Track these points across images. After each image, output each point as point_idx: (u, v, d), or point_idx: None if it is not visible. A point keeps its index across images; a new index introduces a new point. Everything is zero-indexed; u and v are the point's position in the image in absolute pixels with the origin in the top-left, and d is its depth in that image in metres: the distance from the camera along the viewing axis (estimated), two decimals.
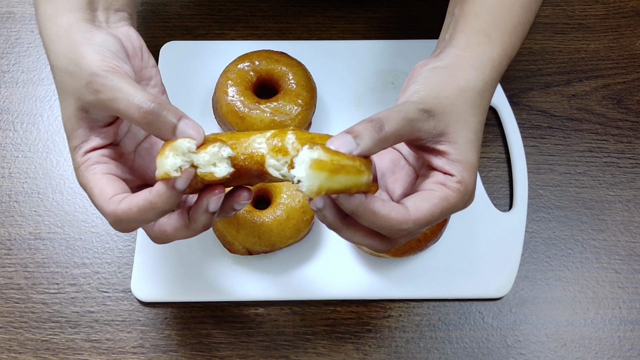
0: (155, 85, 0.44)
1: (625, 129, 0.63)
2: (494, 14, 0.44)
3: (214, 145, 0.36)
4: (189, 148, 0.36)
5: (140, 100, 0.36)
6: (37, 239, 0.57)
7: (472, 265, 0.56)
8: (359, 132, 0.35)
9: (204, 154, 0.36)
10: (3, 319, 0.54)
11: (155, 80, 0.44)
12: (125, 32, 0.43)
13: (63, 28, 0.40)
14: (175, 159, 0.35)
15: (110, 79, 0.37)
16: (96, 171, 0.38)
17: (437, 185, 0.38)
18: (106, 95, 0.37)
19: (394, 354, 0.53)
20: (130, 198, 0.37)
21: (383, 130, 0.35)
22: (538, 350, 0.54)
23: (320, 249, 0.56)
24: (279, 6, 0.69)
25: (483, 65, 0.41)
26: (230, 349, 0.53)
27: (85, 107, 0.38)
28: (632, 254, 0.58)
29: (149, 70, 0.44)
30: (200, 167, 0.36)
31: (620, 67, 0.67)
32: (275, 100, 0.58)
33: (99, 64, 0.38)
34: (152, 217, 0.37)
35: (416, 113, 0.37)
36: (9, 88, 0.65)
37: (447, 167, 0.38)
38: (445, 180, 0.38)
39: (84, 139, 0.39)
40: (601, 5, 0.71)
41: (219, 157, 0.36)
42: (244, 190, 0.40)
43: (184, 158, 0.35)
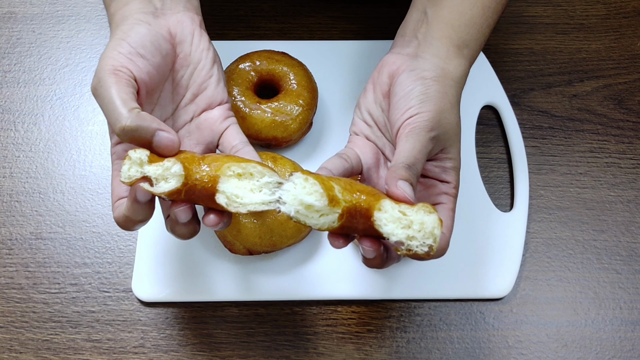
0: (202, 68, 0.45)
1: (626, 129, 0.63)
2: (467, 31, 0.47)
3: (169, 160, 0.38)
4: (141, 159, 0.38)
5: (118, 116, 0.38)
6: (38, 238, 0.57)
7: (473, 266, 0.56)
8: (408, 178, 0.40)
9: (155, 167, 0.38)
10: (4, 318, 0.54)
11: (203, 64, 0.45)
12: (178, 19, 0.44)
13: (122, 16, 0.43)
14: (128, 167, 0.38)
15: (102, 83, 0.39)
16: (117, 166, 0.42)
17: (443, 196, 0.44)
18: (98, 100, 0.39)
19: (395, 354, 0.53)
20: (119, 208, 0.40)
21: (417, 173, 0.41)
22: (539, 350, 0.54)
23: (321, 249, 0.56)
24: (280, 6, 0.69)
25: (461, 80, 0.46)
26: (231, 349, 0.53)
27: None
28: (633, 254, 0.58)
29: (197, 55, 0.45)
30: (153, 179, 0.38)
31: (621, 68, 0.67)
32: (277, 100, 0.58)
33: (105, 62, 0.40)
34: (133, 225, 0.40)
35: (429, 144, 0.42)
36: (10, 88, 0.65)
37: (444, 176, 0.44)
38: (446, 189, 0.44)
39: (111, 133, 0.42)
40: (602, 5, 0.71)
41: (171, 172, 0.38)
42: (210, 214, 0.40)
43: (137, 169, 0.38)
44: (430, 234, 0.37)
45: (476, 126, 0.62)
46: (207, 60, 0.46)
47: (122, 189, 0.41)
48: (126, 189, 0.41)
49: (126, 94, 0.39)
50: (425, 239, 0.37)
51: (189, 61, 0.45)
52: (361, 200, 0.38)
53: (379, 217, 0.38)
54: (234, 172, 0.38)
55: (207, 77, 0.45)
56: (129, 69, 0.40)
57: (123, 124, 0.37)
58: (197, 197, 0.39)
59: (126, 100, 0.38)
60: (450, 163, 0.44)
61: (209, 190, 0.38)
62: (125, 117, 0.38)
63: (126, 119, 0.38)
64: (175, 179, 0.38)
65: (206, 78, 0.45)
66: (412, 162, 0.41)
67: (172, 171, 0.38)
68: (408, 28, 0.49)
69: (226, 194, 0.38)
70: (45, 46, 0.67)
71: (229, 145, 0.44)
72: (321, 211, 0.37)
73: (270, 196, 0.38)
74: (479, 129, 0.63)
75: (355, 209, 0.38)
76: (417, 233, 0.37)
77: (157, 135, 0.38)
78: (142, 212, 0.39)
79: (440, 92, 0.44)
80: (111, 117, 0.38)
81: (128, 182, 0.38)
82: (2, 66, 0.66)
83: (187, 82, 0.45)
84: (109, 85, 0.39)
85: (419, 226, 0.37)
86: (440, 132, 0.43)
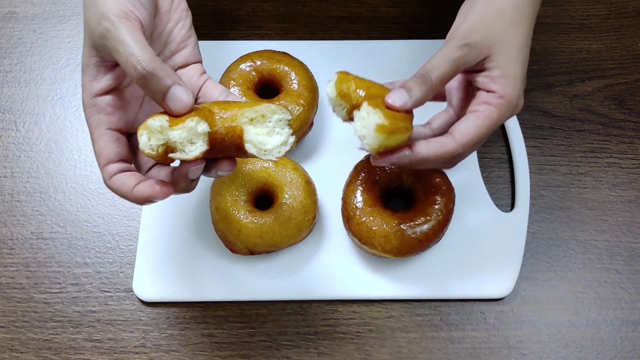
0: (183, 27, 0.45)
1: (627, 130, 0.63)
2: None
3: (191, 119, 0.36)
4: (162, 126, 0.36)
5: (138, 59, 0.36)
6: (39, 238, 0.57)
7: (473, 266, 0.56)
8: (410, 87, 0.41)
9: (179, 130, 0.36)
10: (5, 318, 0.54)
11: (184, 23, 0.45)
12: None
13: None
14: (148, 138, 0.36)
15: (116, 26, 0.37)
16: (99, 123, 0.40)
17: (482, 105, 0.43)
18: (110, 43, 0.37)
19: (395, 354, 0.53)
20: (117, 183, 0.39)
21: (429, 81, 0.41)
22: (540, 350, 0.54)
23: (322, 249, 0.56)
24: (281, 6, 0.69)
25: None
26: (232, 349, 0.53)
27: (95, 45, 0.39)
28: (634, 254, 0.58)
29: (179, 13, 0.45)
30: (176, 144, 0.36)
31: (622, 68, 0.67)
32: (277, 100, 0.58)
33: (111, 7, 0.38)
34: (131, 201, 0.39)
35: (459, 51, 0.42)
36: (11, 88, 0.65)
37: (490, 85, 0.43)
38: (488, 99, 0.43)
39: (92, 78, 0.40)
40: (603, 5, 0.70)
41: (195, 132, 0.36)
42: (226, 163, 0.40)
43: (159, 136, 0.36)
44: (367, 123, 0.39)
45: None
46: (187, 21, 0.45)
47: (111, 150, 0.39)
48: (117, 152, 0.39)
49: (143, 39, 0.38)
50: (367, 138, 0.40)
51: (169, 17, 0.44)
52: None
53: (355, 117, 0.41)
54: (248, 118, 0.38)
55: (187, 37, 0.45)
56: (137, 16, 0.39)
57: (145, 67, 0.36)
58: (220, 150, 0.38)
59: (146, 46, 0.37)
60: (498, 71, 0.43)
61: (236, 141, 0.38)
62: (148, 60, 0.36)
63: (148, 62, 0.36)
64: (201, 139, 0.36)
65: (185, 37, 0.45)
66: (427, 69, 0.41)
67: (198, 131, 0.36)
68: None
69: (253, 143, 0.38)
70: (47, 46, 0.67)
71: (212, 98, 0.44)
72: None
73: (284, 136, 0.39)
74: None
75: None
76: (360, 123, 0.40)
77: (175, 88, 0.37)
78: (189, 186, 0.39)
79: (483, 2, 0.43)
80: (128, 60, 0.36)
81: (154, 155, 0.36)
82: (3, 66, 0.66)
83: (166, 39, 0.44)
84: (125, 27, 0.37)
85: (363, 118, 0.40)
86: (477, 39, 0.42)
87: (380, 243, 0.52)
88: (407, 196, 0.56)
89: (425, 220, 0.52)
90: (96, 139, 0.40)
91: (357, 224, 0.53)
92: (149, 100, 0.44)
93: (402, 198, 0.57)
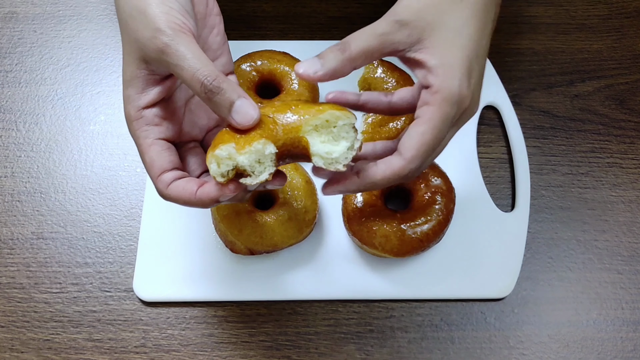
0: (217, 34, 0.43)
1: (628, 130, 0.63)
2: None
3: (258, 142, 0.36)
4: (230, 153, 0.36)
5: (204, 74, 0.36)
6: (40, 238, 0.57)
7: (474, 266, 0.56)
8: (324, 54, 0.37)
9: (247, 155, 0.36)
10: (5, 318, 0.54)
11: (218, 29, 0.43)
12: None
13: None
14: (218, 165, 0.36)
15: (176, 41, 0.36)
16: (148, 134, 0.38)
17: (423, 108, 0.37)
18: (171, 59, 0.36)
19: (396, 354, 0.53)
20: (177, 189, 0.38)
21: (347, 50, 0.37)
22: (540, 350, 0.54)
23: (322, 249, 0.56)
24: (281, 7, 0.70)
25: None
26: (232, 349, 0.53)
27: (146, 58, 0.37)
28: (634, 254, 0.57)
29: (213, 18, 0.43)
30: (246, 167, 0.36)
31: (623, 68, 0.67)
32: (278, 100, 0.58)
33: (164, 19, 0.36)
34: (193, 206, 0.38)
35: (386, 26, 0.37)
36: (11, 88, 0.65)
37: (427, 78, 0.37)
38: (427, 98, 0.37)
39: (140, 91, 0.38)
40: (604, 5, 0.70)
41: (262, 154, 0.36)
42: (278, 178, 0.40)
43: (228, 162, 0.36)
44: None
45: (477, 126, 0.62)
46: (221, 27, 0.44)
47: (164, 159, 0.38)
48: (170, 161, 0.39)
49: (202, 53, 0.37)
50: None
51: (205, 23, 0.42)
52: None
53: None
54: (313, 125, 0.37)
55: (222, 44, 0.44)
56: (189, 28, 0.37)
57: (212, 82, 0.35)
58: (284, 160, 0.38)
59: (207, 60, 0.36)
60: (433, 60, 0.37)
61: (302, 152, 0.37)
62: (214, 75, 0.36)
63: (214, 77, 0.36)
64: (269, 159, 0.36)
65: (221, 44, 0.43)
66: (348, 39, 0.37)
67: (265, 153, 0.36)
68: None
69: (320, 155, 0.37)
70: (47, 46, 0.67)
71: None
72: None
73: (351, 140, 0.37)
74: (481, 129, 0.63)
75: None
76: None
77: (240, 101, 0.36)
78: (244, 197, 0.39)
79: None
80: (194, 75, 0.35)
81: (225, 180, 0.36)
82: (3, 66, 0.66)
83: (203, 46, 0.42)
84: (184, 42, 0.36)
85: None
86: (408, 17, 0.37)
87: (380, 243, 0.52)
88: (407, 196, 0.56)
89: (426, 220, 0.52)
90: (146, 150, 0.38)
91: (358, 224, 0.53)
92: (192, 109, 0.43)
93: (402, 198, 0.57)
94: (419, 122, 0.37)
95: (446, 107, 0.36)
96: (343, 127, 0.37)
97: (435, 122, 0.37)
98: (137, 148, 0.39)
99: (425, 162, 0.39)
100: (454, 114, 0.37)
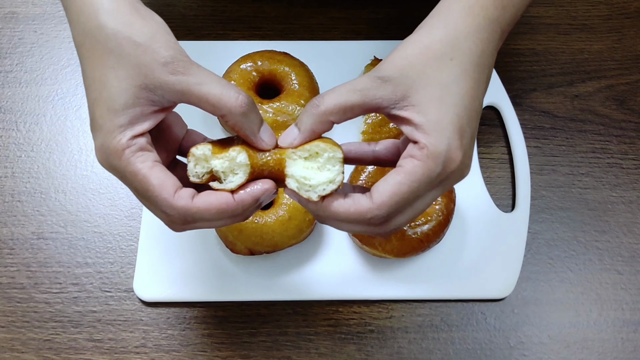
0: None
1: (628, 130, 0.63)
2: None
3: (234, 150, 0.36)
4: (205, 154, 0.36)
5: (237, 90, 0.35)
6: (40, 238, 0.57)
7: (474, 266, 0.56)
8: (300, 118, 0.36)
9: (221, 160, 0.36)
10: (5, 318, 0.54)
11: None
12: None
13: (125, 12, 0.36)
14: (194, 165, 0.36)
15: (195, 65, 0.35)
16: (146, 158, 0.36)
17: (406, 159, 0.36)
18: (194, 78, 0.35)
19: (396, 354, 0.53)
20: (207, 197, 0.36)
21: (322, 104, 0.36)
22: (541, 351, 0.53)
23: (322, 250, 0.56)
24: (281, 7, 0.70)
25: (454, 13, 0.37)
26: (232, 349, 0.53)
27: (152, 85, 0.35)
28: (635, 255, 0.57)
29: None
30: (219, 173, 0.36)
31: (623, 68, 0.67)
32: (278, 100, 0.58)
33: (177, 47, 0.35)
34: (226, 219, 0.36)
35: (367, 82, 0.36)
36: (12, 88, 0.65)
37: (414, 134, 0.35)
38: (413, 151, 0.35)
39: (135, 121, 0.35)
40: (605, 6, 0.70)
41: (236, 163, 0.36)
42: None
43: (204, 164, 0.36)
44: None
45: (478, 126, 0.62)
46: None
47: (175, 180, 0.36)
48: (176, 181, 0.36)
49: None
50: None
51: None
52: None
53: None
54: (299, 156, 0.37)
55: None
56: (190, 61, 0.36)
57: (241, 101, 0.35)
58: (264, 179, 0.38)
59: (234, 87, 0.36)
60: (420, 117, 0.35)
61: (277, 174, 0.37)
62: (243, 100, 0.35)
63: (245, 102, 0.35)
64: (242, 170, 0.36)
65: None
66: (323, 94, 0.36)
67: (237, 161, 0.36)
68: None
69: (295, 178, 0.37)
70: (47, 46, 0.67)
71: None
72: None
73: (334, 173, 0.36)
74: (481, 130, 0.63)
75: None
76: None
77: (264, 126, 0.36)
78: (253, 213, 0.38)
79: (410, 38, 0.37)
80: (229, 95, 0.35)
81: (199, 182, 0.36)
82: (3, 66, 0.66)
83: None
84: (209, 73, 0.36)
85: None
86: (392, 74, 0.35)
87: (380, 243, 0.52)
88: None
89: (426, 220, 0.52)
90: (149, 174, 0.35)
91: None
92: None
93: None
94: (398, 171, 0.35)
95: (431, 164, 0.35)
96: (329, 159, 0.36)
97: (415, 177, 0.35)
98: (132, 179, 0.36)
99: (397, 216, 0.36)
100: (438, 172, 0.35)
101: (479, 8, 0.38)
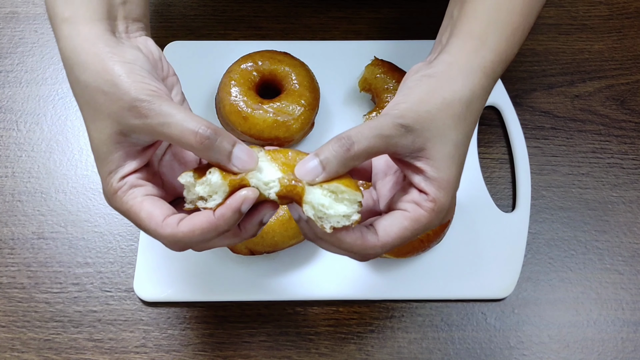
0: (177, 94, 0.43)
1: (628, 130, 0.63)
2: (492, 17, 0.42)
3: (209, 172, 0.36)
4: (188, 181, 0.36)
5: (196, 125, 0.35)
6: (40, 238, 0.57)
7: (474, 266, 0.56)
8: (326, 156, 0.36)
9: (202, 186, 0.36)
10: (6, 318, 0.54)
11: (177, 89, 0.43)
12: (144, 43, 0.42)
13: (88, 40, 0.38)
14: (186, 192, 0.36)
15: (157, 104, 0.36)
16: (136, 194, 0.37)
17: (411, 204, 0.38)
18: (156, 120, 0.35)
19: (396, 354, 0.53)
20: (190, 220, 0.36)
21: (352, 150, 0.36)
22: (541, 351, 0.54)
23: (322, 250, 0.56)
24: (282, 7, 0.70)
25: (473, 73, 0.40)
26: (232, 349, 0.53)
27: (125, 130, 0.36)
28: (635, 255, 0.57)
29: (170, 79, 0.43)
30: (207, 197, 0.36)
31: (624, 68, 0.67)
32: (278, 100, 0.58)
33: (139, 87, 0.36)
34: (214, 237, 0.36)
35: (392, 129, 0.36)
36: (12, 88, 0.65)
37: (423, 185, 0.38)
38: (419, 200, 0.38)
39: (120, 164, 0.38)
40: (605, 6, 0.70)
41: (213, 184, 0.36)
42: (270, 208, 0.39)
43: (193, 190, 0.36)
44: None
45: (478, 126, 0.62)
46: (179, 87, 0.43)
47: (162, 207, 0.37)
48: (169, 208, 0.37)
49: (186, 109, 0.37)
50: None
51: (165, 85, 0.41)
52: None
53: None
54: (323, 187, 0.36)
55: (182, 102, 0.43)
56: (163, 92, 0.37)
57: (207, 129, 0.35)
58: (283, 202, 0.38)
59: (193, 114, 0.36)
60: (433, 172, 0.37)
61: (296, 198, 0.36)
62: (206, 123, 0.35)
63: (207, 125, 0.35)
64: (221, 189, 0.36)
65: (181, 103, 0.43)
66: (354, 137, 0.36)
67: (213, 183, 0.36)
68: (438, 36, 0.45)
69: (313, 204, 0.36)
70: (48, 46, 0.67)
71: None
72: None
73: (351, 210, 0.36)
74: (481, 130, 0.63)
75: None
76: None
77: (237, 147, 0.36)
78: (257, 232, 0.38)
79: (431, 87, 0.39)
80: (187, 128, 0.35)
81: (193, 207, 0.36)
82: (4, 66, 0.66)
83: None
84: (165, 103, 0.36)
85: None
86: (415, 125, 0.37)
87: None
88: None
89: None
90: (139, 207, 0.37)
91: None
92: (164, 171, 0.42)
93: None
94: (406, 216, 0.37)
95: (434, 217, 0.38)
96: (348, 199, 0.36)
97: (419, 224, 0.38)
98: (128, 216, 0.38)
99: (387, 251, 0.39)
100: (437, 223, 0.39)
101: (491, 70, 0.41)
